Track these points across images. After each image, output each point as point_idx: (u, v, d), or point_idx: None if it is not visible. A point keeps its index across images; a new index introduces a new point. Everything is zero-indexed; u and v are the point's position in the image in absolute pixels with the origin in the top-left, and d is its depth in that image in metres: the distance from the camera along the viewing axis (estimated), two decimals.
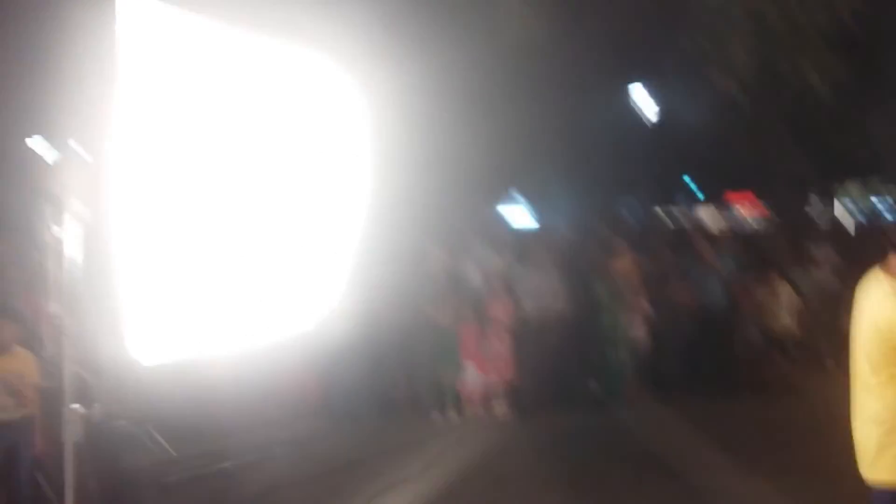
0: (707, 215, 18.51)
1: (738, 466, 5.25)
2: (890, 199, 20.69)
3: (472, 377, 6.68)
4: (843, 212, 20.97)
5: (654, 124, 14.64)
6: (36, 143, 8.73)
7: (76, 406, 3.45)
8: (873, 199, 21.69)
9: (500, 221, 13.52)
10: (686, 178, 19.90)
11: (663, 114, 14.49)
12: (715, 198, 20.91)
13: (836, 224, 13.07)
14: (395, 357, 6.69)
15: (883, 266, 2.76)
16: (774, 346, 7.56)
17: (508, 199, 15.05)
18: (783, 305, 7.63)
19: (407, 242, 7.21)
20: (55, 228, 3.49)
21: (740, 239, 9.05)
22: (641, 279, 7.23)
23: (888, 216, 16.12)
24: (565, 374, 6.97)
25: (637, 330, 7.11)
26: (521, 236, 8.79)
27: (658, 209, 17.34)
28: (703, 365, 7.24)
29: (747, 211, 20.05)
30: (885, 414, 2.65)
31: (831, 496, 4.35)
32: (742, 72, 10.31)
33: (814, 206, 17.43)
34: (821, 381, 7.00)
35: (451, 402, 6.66)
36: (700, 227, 10.41)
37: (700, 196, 20.55)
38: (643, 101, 14.82)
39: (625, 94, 14.85)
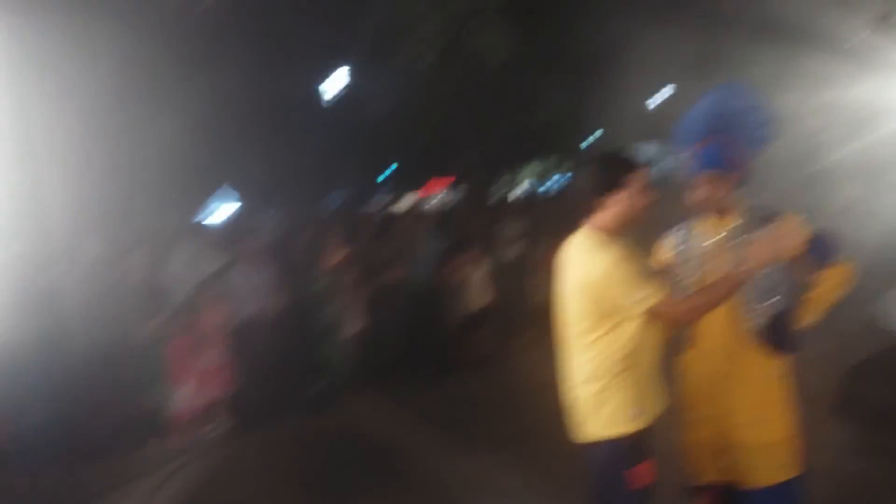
0: (412, 201, 19.28)
1: (459, 446, 5.46)
2: (563, 176, 23.39)
3: (187, 396, 6.15)
4: (529, 188, 23.19)
5: (352, 113, 14.79)
6: None
7: None
8: (555, 176, 24.38)
9: (210, 220, 12.76)
10: (391, 167, 20.53)
11: (360, 102, 14.68)
12: (419, 183, 21.87)
13: (523, 201, 14.31)
14: (92, 385, 5.86)
15: (587, 223, 2.88)
16: (474, 324, 8.05)
17: (215, 195, 14.29)
18: (479, 283, 8.15)
19: (96, 249, 6.41)
20: None
21: (441, 221, 9.48)
22: (356, 271, 7.23)
23: (568, 191, 18.07)
24: (286, 376, 6.75)
25: (354, 323, 7.11)
26: (232, 235, 8.32)
27: (367, 199, 17.68)
28: (417, 349, 7.48)
29: (445, 195, 21.26)
30: (601, 370, 2.76)
31: (549, 460, 4.69)
32: (429, 56, 10.80)
33: (502, 185, 19.02)
34: (519, 353, 7.62)
35: (164, 428, 6.07)
36: (406, 214, 10.77)
37: (405, 182, 21.35)
38: (338, 89, 14.85)
39: (320, 87, 14.81)
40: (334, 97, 14.59)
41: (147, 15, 8.41)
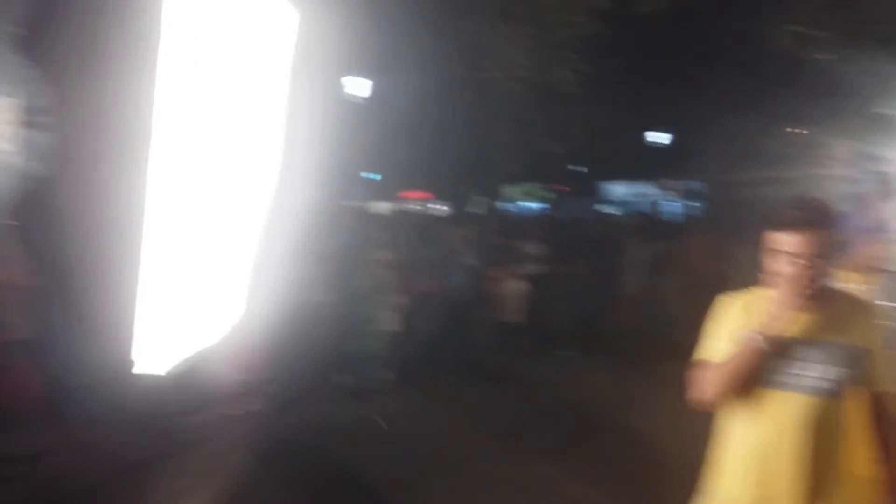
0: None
1: (504, 451, 5.48)
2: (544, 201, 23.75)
3: (225, 374, 6.07)
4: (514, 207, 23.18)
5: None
6: None
7: None
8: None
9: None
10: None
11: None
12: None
13: (538, 221, 14.30)
14: None
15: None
16: (505, 336, 8.14)
17: None
18: (512, 296, 8.26)
19: None
20: None
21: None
22: (397, 271, 7.22)
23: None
24: (320, 366, 6.71)
25: (392, 322, 7.10)
26: None
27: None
28: (447, 354, 7.48)
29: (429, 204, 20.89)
30: None
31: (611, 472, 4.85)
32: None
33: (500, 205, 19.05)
34: (548, 369, 7.68)
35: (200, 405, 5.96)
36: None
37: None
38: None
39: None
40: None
41: None
